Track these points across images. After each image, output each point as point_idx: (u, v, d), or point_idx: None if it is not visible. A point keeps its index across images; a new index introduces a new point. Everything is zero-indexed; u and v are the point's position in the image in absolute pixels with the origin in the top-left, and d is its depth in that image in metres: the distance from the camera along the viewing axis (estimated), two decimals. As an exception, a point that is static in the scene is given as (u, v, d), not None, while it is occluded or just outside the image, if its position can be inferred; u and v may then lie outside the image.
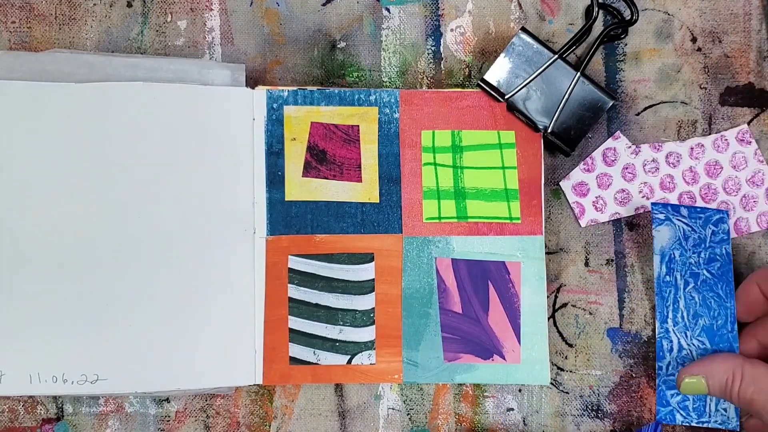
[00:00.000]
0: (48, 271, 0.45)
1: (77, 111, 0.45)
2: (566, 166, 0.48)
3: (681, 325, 0.45)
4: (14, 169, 0.45)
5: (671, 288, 0.45)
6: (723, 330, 0.45)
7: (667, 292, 0.45)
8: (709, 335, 0.45)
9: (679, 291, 0.45)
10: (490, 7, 0.48)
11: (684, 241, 0.45)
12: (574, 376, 0.47)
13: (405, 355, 0.46)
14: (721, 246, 0.45)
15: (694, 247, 0.45)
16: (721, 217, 0.45)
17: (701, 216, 0.45)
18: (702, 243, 0.45)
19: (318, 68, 0.48)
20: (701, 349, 0.45)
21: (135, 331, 0.45)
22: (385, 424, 0.47)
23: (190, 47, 0.47)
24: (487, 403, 0.47)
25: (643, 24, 0.48)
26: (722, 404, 0.44)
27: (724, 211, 0.46)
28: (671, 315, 0.45)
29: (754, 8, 0.48)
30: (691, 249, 0.45)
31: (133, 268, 0.45)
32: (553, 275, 0.47)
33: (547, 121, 0.46)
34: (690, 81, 0.48)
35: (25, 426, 0.46)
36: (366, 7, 0.48)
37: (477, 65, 0.48)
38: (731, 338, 0.44)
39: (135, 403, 0.47)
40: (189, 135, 0.45)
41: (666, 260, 0.45)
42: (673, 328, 0.45)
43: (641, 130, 0.48)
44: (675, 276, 0.45)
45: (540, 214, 0.46)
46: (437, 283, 0.46)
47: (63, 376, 0.44)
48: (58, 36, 0.47)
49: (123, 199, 0.45)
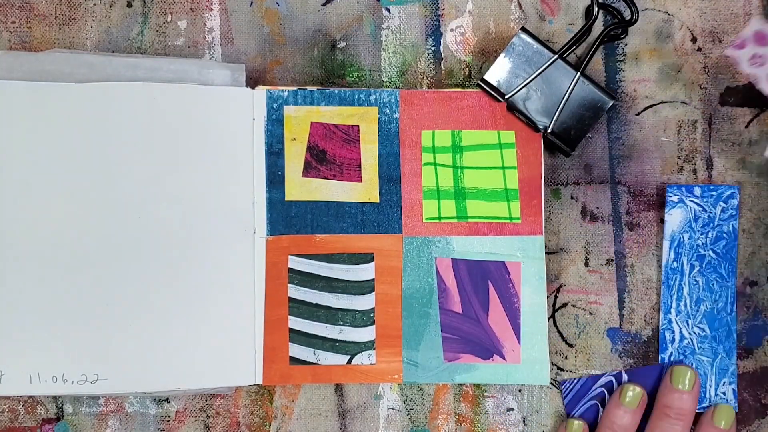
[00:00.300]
0: (48, 271, 0.45)
1: (77, 111, 0.45)
2: (566, 166, 0.48)
3: (683, 314, 0.46)
4: (14, 169, 0.45)
5: (677, 275, 0.46)
6: (723, 313, 0.46)
7: (673, 280, 0.46)
8: (709, 321, 0.46)
9: (685, 276, 0.46)
10: (490, 7, 0.48)
11: (694, 223, 0.45)
12: (574, 376, 0.47)
13: (405, 355, 0.46)
14: (728, 222, 0.46)
15: (702, 228, 0.45)
16: (732, 192, 0.46)
17: (713, 194, 0.46)
18: (711, 222, 0.46)
19: (318, 68, 0.48)
20: (701, 336, 0.46)
21: (135, 331, 0.45)
22: (385, 424, 0.47)
23: (190, 47, 0.47)
24: (487, 403, 0.47)
25: (643, 24, 0.48)
26: (721, 388, 0.45)
27: (735, 187, 0.46)
28: (674, 304, 0.46)
29: (754, 8, 0.48)
30: (699, 230, 0.45)
31: (133, 268, 0.45)
32: (553, 275, 0.47)
33: (547, 121, 0.46)
34: (690, 81, 0.48)
35: (25, 426, 0.46)
36: (366, 7, 0.48)
37: (477, 65, 0.48)
38: (729, 321, 0.46)
39: (135, 403, 0.47)
40: (189, 135, 0.45)
41: (675, 245, 0.46)
42: (675, 318, 0.46)
43: (641, 130, 0.48)
44: (681, 261, 0.46)
45: (540, 214, 0.46)
46: (437, 283, 0.46)
47: (63, 376, 0.44)
48: (58, 36, 0.47)
49: (123, 199, 0.45)
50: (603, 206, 0.48)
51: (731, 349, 0.46)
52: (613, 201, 0.48)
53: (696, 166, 0.47)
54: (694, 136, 0.48)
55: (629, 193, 0.47)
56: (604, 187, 0.48)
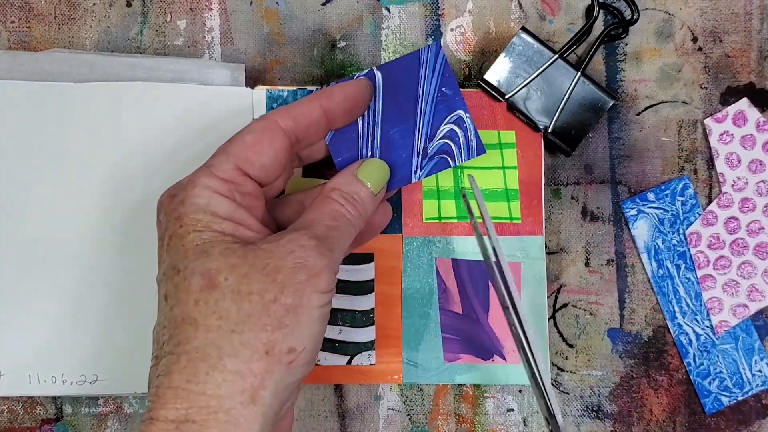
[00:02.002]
0: (48, 271, 0.44)
1: (77, 111, 0.45)
2: (566, 166, 0.48)
3: (689, 312, 0.46)
4: (14, 169, 0.45)
5: (667, 280, 0.46)
6: None
7: (666, 286, 0.46)
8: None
9: (675, 279, 0.46)
10: (490, 7, 0.48)
11: (661, 226, 0.45)
12: (575, 376, 0.47)
13: (405, 355, 0.46)
14: (693, 212, 0.46)
15: (671, 227, 0.45)
16: (685, 183, 0.46)
17: (667, 192, 0.46)
18: (677, 219, 0.46)
19: (318, 68, 0.48)
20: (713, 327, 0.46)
21: (135, 331, 0.45)
22: (385, 425, 0.47)
23: (190, 47, 0.47)
24: (487, 404, 0.47)
25: (643, 24, 0.48)
26: (755, 366, 0.45)
27: (685, 176, 0.46)
28: (677, 308, 0.46)
29: (755, 8, 0.48)
30: (669, 230, 0.45)
31: (133, 268, 0.45)
32: (554, 275, 0.47)
33: (548, 121, 0.45)
34: (691, 81, 0.48)
35: (25, 426, 0.46)
36: (366, 7, 0.48)
37: (477, 65, 0.48)
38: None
39: (134, 404, 0.46)
40: (189, 135, 0.45)
41: (653, 254, 0.46)
42: (683, 320, 0.46)
43: (642, 130, 0.48)
44: (666, 266, 0.46)
45: (540, 214, 0.46)
46: (437, 283, 0.46)
47: (62, 376, 0.44)
48: (57, 36, 0.47)
49: (123, 199, 0.45)
50: (603, 206, 0.47)
51: (748, 326, 0.46)
52: (613, 201, 0.47)
53: (697, 166, 0.47)
54: (694, 136, 0.48)
55: (630, 193, 0.47)
56: (605, 187, 0.47)
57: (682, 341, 0.46)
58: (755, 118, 0.47)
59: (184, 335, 0.32)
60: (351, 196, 0.38)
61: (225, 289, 0.32)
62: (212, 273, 0.32)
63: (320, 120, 0.38)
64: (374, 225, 0.43)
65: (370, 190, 0.38)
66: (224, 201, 0.35)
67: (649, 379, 0.47)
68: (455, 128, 0.41)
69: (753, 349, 0.46)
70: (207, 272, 0.33)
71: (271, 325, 0.32)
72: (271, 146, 0.36)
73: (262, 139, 0.36)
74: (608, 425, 0.47)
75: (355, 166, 0.39)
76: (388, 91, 0.41)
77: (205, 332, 0.32)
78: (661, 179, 0.47)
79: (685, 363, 0.46)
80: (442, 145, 0.41)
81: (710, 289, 0.46)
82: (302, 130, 0.37)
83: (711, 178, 0.47)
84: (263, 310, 0.32)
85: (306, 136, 0.38)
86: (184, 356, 0.32)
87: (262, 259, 0.33)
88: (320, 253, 0.34)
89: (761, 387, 0.46)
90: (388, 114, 0.40)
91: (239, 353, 0.32)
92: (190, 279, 0.33)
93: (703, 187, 0.47)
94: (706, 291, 0.46)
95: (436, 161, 0.41)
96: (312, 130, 0.38)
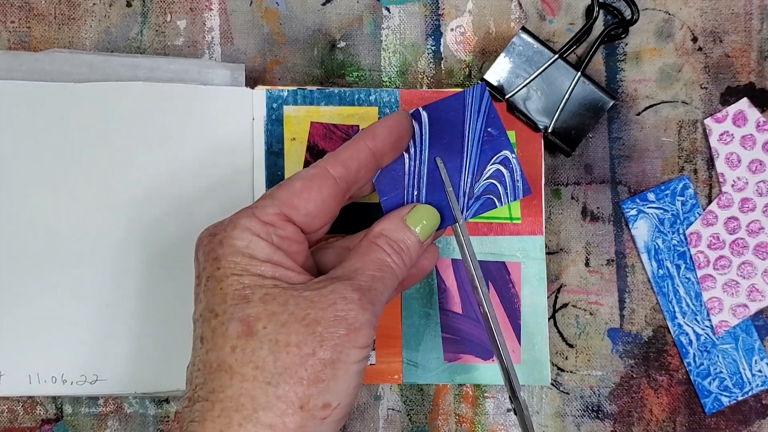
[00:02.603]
0: (47, 271, 0.44)
1: (76, 111, 0.45)
2: (566, 166, 0.48)
3: (689, 312, 0.46)
4: (13, 169, 0.45)
5: (667, 280, 0.46)
6: None
7: (666, 286, 0.46)
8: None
9: (675, 279, 0.46)
10: (490, 7, 0.48)
11: (661, 226, 0.45)
12: (575, 376, 0.47)
13: (405, 355, 0.46)
14: (693, 212, 0.45)
15: (671, 227, 0.45)
16: (684, 183, 0.46)
17: (667, 192, 0.46)
18: (677, 219, 0.45)
19: (318, 68, 0.48)
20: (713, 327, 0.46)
21: (135, 331, 0.45)
22: (385, 425, 0.47)
23: (190, 47, 0.47)
24: (487, 404, 0.47)
25: (643, 24, 0.48)
26: (755, 366, 0.45)
27: (685, 176, 0.46)
28: (677, 308, 0.46)
29: (755, 8, 0.48)
30: (669, 230, 0.45)
31: (132, 268, 0.45)
32: (554, 275, 0.47)
33: (548, 121, 0.45)
34: (691, 81, 0.48)
35: (25, 426, 0.46)
36: (366, 7, 0.48)
37: (477, 65, 0.48)
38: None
39: (134, 404, 0.46)
40: (188, 135, 0.45)
41: (653, 254, 0.46)
42: (683, 320, 0.45)
43: (642, 130, 0.48)
44: (666, 266, 0.46)
45: (540, 214, 0.46)
46: (437, 283, 0.46)
47: (62, 376, 0.44)
48: (57, 36, 0.47)
49: (122, 199, 0.45)
50: (603, 206, 0.47)
51: (748, 326, 0.46)
52: (613, 201, 0.47)
53: (697, 166, 0.47)
54: (694, 136, 0.48)
55: (630, 193, 0.47)
56: (605, 187, 0.47)
57: (682, 341, 0.46)
58: (755, 118, 0.47)
59: (218, 382, 0.32)
60: (398, 244, 0.37)
61: (263, 337, 0.32)
62: (251, 320, 0.32)
63: (369, 160, 0.37)
64: (420, 268, 0.41)
65: (418, 238, 0.37)
66: (263, 243, 0.34)
67: (649, 379, 0.47)
68: (502, 168, 0.40)
69: (753, 349, 0.46)
70: (246, 318, 0.32)
71: (307, 380, 0.32)
72: (319, 193, 0.36)
73: (311, 186, 0.36)
74: (608, 425, 0.47)
75: (405, 211, 0.38)
76: (434, 131, 0.40)
77: (240, 381, 0.32)
78: (661, 179, 0.47)
79: (685, 363, 0.46)
80: (488, 186, 0.40)
81: (710, 289, 0.46)
82: (353, 174, 0.37)
83: (711, 178, 0.47)
84: (300, 363, 0.32)
85: (357, 179, 0.37)
86: (218, 404, 0.32)
87: (303, 309, 0.32)
88: (362, 307, 0.33)
89: (761, 387, 0.46)
90: (435, 153, 0.40)
91: (274, 406, 0.31)
92: (227, 324, 0.32)
93: (703, 187, 0.47)
94: (706, 291, 0.46)
95: (482, 201, 0.40)
96: (362, 172, 0.37)
